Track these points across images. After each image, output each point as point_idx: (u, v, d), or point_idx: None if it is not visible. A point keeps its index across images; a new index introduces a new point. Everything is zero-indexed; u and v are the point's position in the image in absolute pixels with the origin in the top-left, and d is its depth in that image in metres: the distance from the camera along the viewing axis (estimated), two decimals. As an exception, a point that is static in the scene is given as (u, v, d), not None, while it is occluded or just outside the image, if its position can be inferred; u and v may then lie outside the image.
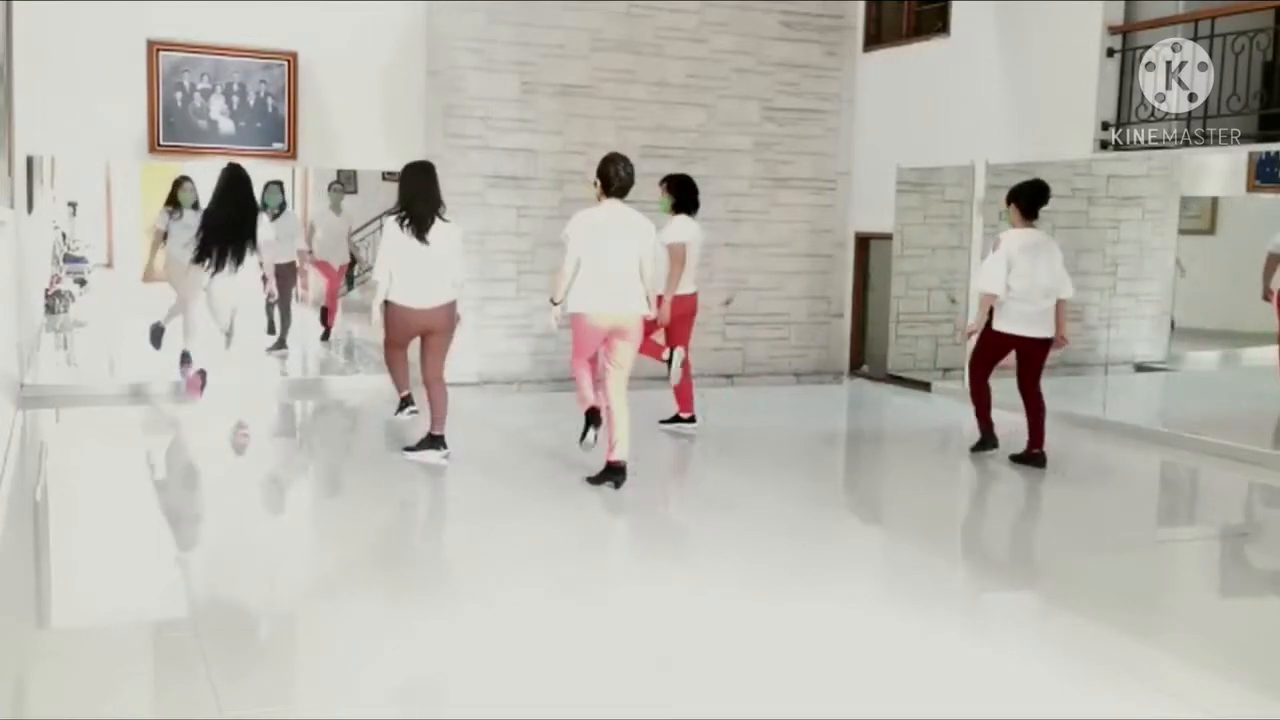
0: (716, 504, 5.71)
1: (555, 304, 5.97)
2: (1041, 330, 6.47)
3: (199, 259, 7.17)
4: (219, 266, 7.16)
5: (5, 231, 6.10)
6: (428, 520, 5.69)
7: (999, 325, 6.50)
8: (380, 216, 8.52)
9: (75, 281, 10.47)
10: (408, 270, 6.01)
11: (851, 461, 7.53)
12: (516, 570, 4.59)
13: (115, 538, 4.89)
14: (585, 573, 4.59)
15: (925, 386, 9.11)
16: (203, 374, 7.34)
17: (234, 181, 7.29)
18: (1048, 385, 6.63)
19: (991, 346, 6.60)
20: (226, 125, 8.14)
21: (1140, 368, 9.59)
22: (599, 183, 5.82)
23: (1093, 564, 4.94)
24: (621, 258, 5.74)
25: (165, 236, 8.25)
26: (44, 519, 5.18)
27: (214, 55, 8.07)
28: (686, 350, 7.00)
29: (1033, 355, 6.53)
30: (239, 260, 7.20)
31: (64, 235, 10.41)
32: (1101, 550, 5.18)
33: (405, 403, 6.52)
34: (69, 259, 10.46)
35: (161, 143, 7.98)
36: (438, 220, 6.05)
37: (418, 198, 6.03)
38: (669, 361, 6.91)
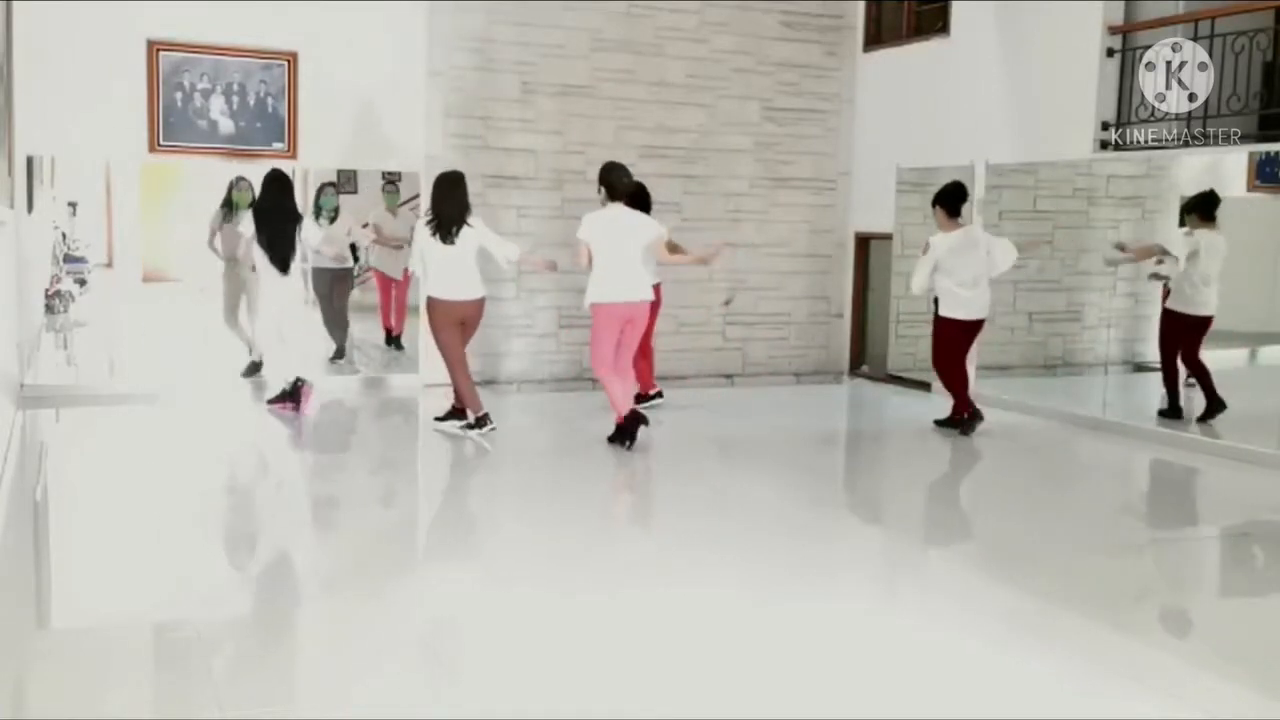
0: (716, 503, 5.71)
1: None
2: (975, 313, 7.33)
3: (271, 261, 7.35)
4: (280, 269, 7.34)
5: (5, 231, 6.10)
6: (428, 520, 5.68)
7: (946, 312, 7.35)
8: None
9: (75, 281, 10.46)
10: (440, 268, 6.76)
11: (851, 461, 7.53)
12: (515, 570, 4.59)
13: (115, 538, 4.89)
14: (584, 572, 4.59)
15: (925, 386, 9.10)
16: (292, 396, 7.46)
17: (271, 186, 7.42)
18: (1052, 386, 6.73)
19: (948, 334, 7.39)
20: (226, 125, 8.14)
21: (1140, 368, 9.58)
22: (604, 190, 6.62)
23: (1092, 563, 4.94)
24: (629, 253, 6.55)
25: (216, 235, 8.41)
26: (44, 519, 5.18)
27: (214, 55, 8.07)
28: (649, 337, 7.58)
29: (969, 334, 7.41)
30: (284, 266, 7.35)
31: (64, 235, 10.40)
32: (1101, 550, 5.18)
33: (481, 421, 6.85)
34: (69, 259, 10.44)
35: (161, 143, 7.99)
36: (465, 226, 6.74)
37: (444, 204, 6.75)
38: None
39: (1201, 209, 7.74)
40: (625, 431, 6.55)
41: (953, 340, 7.40)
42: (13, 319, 6.85)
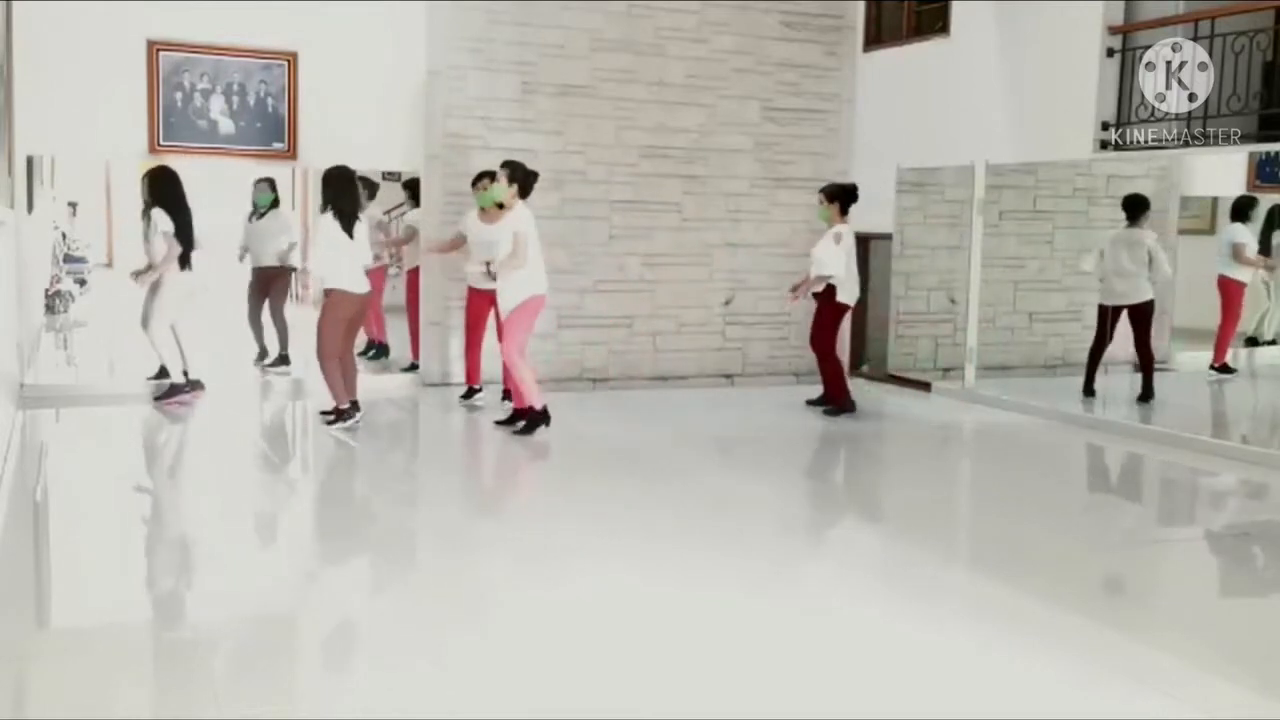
0: (714, 502, 5.70)
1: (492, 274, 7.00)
2: (854, 298, 8.06)
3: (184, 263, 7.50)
4: (185, 266, 7.53)
5: (5, 231, 6.10)
6: (426, 520, 5.67)
7: (844, 299, 7.96)
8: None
9: (75, 281, 10.48)
10: (345, 261, 6.81)
11: (851, 461, 7.53)
12: (512, 569, 4.60)
13: (115, 538, 4.89)
14: (582, 572, 4.58)
15: (925, 386, 9.11)
16: (175, 389, 7.57)
17: (176, 183, 7.52)
18: (1051, 386, 6.77)
19: (836, 320, 8.06)
20: (226, 125, 8.14)
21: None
22: (515, 188, 6.85)
23: (1091, 563, 4.95)
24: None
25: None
26: (44, 519, 5.18)
27: (214, 55, 8.07)
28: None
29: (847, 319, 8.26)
30: (187, 260, 7.52)
31: (64, 235, 10.42)
32: (1100, 549, 5.18)
33: (343, 413, 6.95)
34: (69, 259, 10.47)
35: (161, 143, 7.99)
36: (358, 221, 6.89)
37: (344, 199, 6.85)
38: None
39: (1127, 210, 8.37)
40: (543, 418, 6.89)
41: (838, 324, 8.09)
42: (13, 319, 6.85)
